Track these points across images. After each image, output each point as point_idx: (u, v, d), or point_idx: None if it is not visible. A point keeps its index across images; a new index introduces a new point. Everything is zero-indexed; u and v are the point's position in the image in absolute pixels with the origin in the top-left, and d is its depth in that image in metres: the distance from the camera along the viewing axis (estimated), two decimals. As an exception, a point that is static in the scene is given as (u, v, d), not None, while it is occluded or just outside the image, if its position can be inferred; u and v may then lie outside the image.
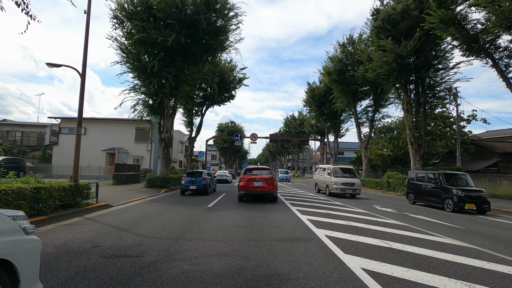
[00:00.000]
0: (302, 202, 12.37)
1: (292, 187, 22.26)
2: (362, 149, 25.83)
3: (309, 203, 11.92)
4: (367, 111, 27.58)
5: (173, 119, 19.04)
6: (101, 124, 28.67)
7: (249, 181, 11.72)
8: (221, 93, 26.82)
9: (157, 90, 18.10)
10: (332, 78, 26.48)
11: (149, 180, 17.27)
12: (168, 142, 18.74)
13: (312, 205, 11.43)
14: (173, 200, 12.48)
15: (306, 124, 47.99)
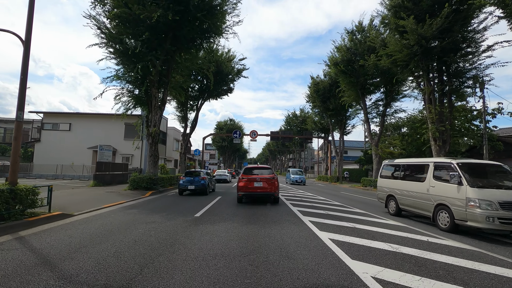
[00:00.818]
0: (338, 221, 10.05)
1: (313, 193, 19.65)
2: (372, 147, 23.55)
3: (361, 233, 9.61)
4: (377, 105, 25.30)
5: (162, 111, 16.75)
6: (88, 120, 26.37)
7: (249, 181, 10.83)
8: (218, 85, 24.52)
9: (143, 77, 15.83)
10: (339, 69, 24.19)
11: (132, 181, 14.98)
12: (156, 137, 16.45)
13: (327, 213, 9.13)
14: (155, 206, 10.19)
15: (309, 121, 45.75)
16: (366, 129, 24.68)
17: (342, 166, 32.61)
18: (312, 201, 12.63)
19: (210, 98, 26.43)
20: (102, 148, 18.16)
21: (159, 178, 16.56)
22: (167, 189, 16.95)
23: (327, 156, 39.85)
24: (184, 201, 11.67)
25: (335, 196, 15.73)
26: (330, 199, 13.79)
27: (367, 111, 24.87)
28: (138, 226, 6.54)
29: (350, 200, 14.10)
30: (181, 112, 25.53)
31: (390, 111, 24.25)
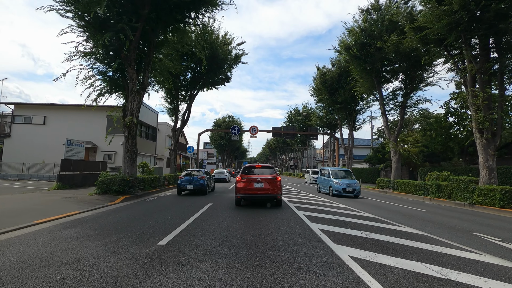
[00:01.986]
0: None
1: (327, 198, 15.62)
2: (390, 142, 20.44)
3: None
4: (395, 96, 22.15)
5: (141, 97, 13.60)
6: (65, 112, 23.20)
7: (249, 182, 9.66)
8: (213, 72, 21.39)
9: (116, 53, 12.70)
10: (352, 54, 21.04)
11: (101, 183, 11.84)
12: (134, 128, 13.33)
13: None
14: (111, 222, 7.05)
15: (313, 117, 42.61)
16: (383, 122, 21.54)
17: (351, 165, 29.49)
18: (334, 211, 9.50)
19: (204, 88, 23.28)
20: (71, 143, 15.01)
21: (137, 179, 13.42)
22: (148, 193, 13.82)
23: (333, 154, 36.69)
24: (159, 211, 8.54)
25: (358, 203, 12.62)
26: (357, 208, 10.66)
27: (384, 102, 21.71)
28: (38, 274, 3.42)
29: (386, 210, 10.97)
30: (171, 103, 22.38)
31: (410, 101, 21.08)
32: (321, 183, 17.56)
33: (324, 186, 16.79)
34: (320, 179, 17.90)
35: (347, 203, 12.08)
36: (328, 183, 16.15)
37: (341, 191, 14.78)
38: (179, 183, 14.11)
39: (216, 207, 9.86)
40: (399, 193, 17.91)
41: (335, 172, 16.54)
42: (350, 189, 14.80)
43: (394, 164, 20.04)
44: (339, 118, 31.06)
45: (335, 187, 15.05)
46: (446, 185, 13.93)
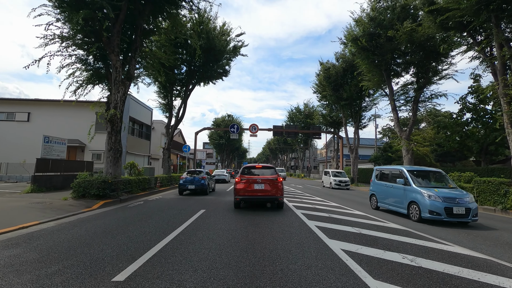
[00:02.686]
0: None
1: (338, 202, 14.85)
2: (402, 140, 18.84)
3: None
4: (406, 90, 20.55)
5: (126, 88, 12.00)
6: (51, 108, 21.60)
7: (248, 183, 9.15)
8: (210, 64, 19.81)
9: (96, 36, 11.11)
10: (360, 46, 19.42)
11: (77, 186, 10.25)
12: (117, 123, 11.74)
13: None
14: (73, 238, 5.46)
15: (316, 115, 41.06)
16: (394, 119, 19.94)
17: (357, 165, 27.92)
18: (353, 220, 7.90)
19: (201, 82, 21.70)
20: (49, 140, 13.42)
21: (122, 181, 11.82)
22: (134, 197, 12.22)
23: (337, 154, 35.10)
24: (139, 221, 6.94)
25: (374, 209, 11.03)
26: (377, 216, 9.07)
27: (394, 98, 20.10)
28: None
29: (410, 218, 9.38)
30: (165, 98, 20.79)
31: (423, 96, 19.45)
32: (384, 194, 10.07)
33: (395, 200, 9.38)
34: (382, 188, 10.27)
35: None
36: (405, 195, 8.77)
37: (442, 212, 7.59)
38: (180, 183, 14.39)
39: (209, 214, 8.26)
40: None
41: (419, 173, 9.21)
42: (460, 208, 7.59)
43: (406, 164, 18.43)
44: (343, 116, 29.48)
45: (430, 205, 7.76)
46: (471, 187, 12.33)
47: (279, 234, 5.88)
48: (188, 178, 14.37)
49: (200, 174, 14.72)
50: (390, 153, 28.12)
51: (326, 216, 8.23)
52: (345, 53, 27.07)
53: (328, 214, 8.71)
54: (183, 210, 9.12)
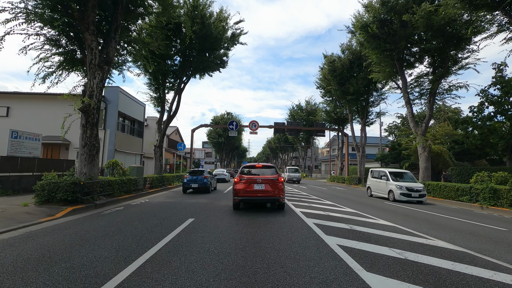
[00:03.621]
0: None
1: (354, 208, 12.43)
2: (417, 137, 17.06)
3: None
4: (420, 83, 18.76)
5: (104, 73, 10.22)
6: (33, 102, 19.81)
7: (248, 183, 8.62)
8: (205, 53, 18.04)
9: (65, 7, 9.35)
10: (370, 33, 17.65)
11: (41, 188, 8.48)
12: (93, 114, 9.99)
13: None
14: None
15: (318, 111, 39.38)
16: (408, 113, 18.17)
17: (364, 164, 26.15)
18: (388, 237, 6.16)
19: (196, 74, 19.93)
20: (17, 135, 11.66)
21: (98, 182, 10.04)
22: (115, 201, 10.46)
23: (342, 153, 33.35)
24: (105, 236, 5.18)
25: (398, 214, 9.27)
26: (408, 226, 7.32)
27: (407, 90, 18.31)
28: None
29: (447, 228, 7.64)
30: (157, 91, 19.01)
31: (439, 89, 17.66)
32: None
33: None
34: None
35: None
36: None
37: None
38: (184, 182, 15.06)
39: (197, 226, 6.50)
40: (433, 198, 14.56)
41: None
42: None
43: (423, 163, 16.67)
44: (349, 112, 27.70)
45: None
46: (508, 189, 10.57)
47: (291, 261, 4.12)
48: (191, 177, 15.03)
49: (203, 174, 15.39)
50: (403, 150, 26.35)
51: (347, 229, 6.48)
52: (352, 44, 25.36)
53: (349, 225, 6.96)
54: (166, 219, 7.35)
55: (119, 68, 13.37)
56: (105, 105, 19.40)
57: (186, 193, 14.92)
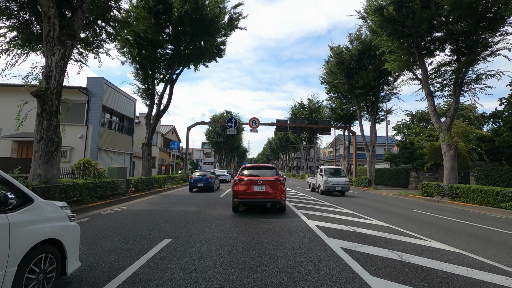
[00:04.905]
0: None
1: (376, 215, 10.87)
2: (441, 133, 14.93)
3: None
4: (441, 73, 16.65)
5: (66, 49, 8.12)
6: (10, 94, 17.72)
7: (248, 185, 8.34)
8: (199, 38, 15.96)
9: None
10: (386, 16, 15.55)
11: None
12: (51, 101, 7.89)
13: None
14: None
15: (322, 109, 37.30)
16: (429, 107, 16.04)
17: (374, 165, 24.04)
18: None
19: (190, 64, 17.89)
20: (-35, 129, 9.53)
21: (57, 187, 7.93)
22: (84, 209, 8.35)
23: (348, 152, 31.22)
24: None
25: (435, 226, 7.16)
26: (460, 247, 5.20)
27: (428, 81, 16.17)
28: None
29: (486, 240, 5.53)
30: (144, 82, 16.92)
31: (466, 78, 15.54)
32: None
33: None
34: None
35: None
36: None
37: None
38: (191, 182, 16.54)
39: (171, 255, 4.38)
40: (463, 204, 12.45)
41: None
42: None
43: (448, 162, 14.53)
44: (358, 108, 25.58)
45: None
46: None
47: None
48: (197, 177, 16.49)
49: (207, 174, 16.89)
50: (417, 149, 24.28)
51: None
52: (361, 33, 23.28)
53: (397, 253, 4.85)
54: (133, 239, 5.25)
55: (94, 50, 11.28)
56: (88, 98, 17.32)
57: (192, 191, 16.29)
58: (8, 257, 2.29)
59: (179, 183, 21.66)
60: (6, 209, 2.44)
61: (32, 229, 2.61)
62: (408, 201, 14.74)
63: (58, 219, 3.00)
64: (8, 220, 2.38)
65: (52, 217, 2.93)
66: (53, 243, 2.85)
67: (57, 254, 2.88)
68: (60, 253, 2.93)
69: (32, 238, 2.57)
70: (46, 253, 2.74)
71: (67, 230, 3.06)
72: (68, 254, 3.01)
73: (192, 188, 16.47)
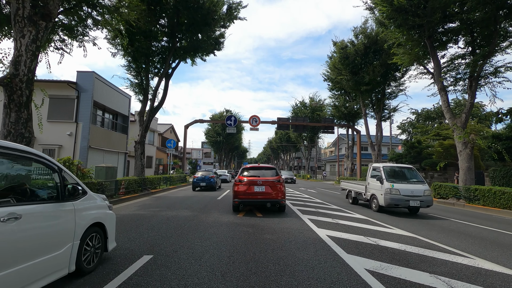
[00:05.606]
0: None
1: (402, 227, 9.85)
2: (457, 130, 13.85)
3: None
4: (454, 66, 15.58)
5: (38, 31, 7.04)
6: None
7: (248, 185, 8.53)
8: (196, 29, 14.89)
9: None
10: (395, 6, 14.47)
11: None
12: (21, 90, 6.83)
13: None
14: None
15: (324, 107, 36.25)
16: (442, 102, 14.97)
17: (380, 164, 22.92)
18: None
19: (187, 56, 16.82)
20: None
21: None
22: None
23: (352, 151, 30.16)
24: None
25: (462, 234, 6.10)
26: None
27: (441, 75, 15.09)
28: None
29: None
30: (137, 76, 15.86)
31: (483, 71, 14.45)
32: None
33: None
34: None
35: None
36: None
37: None
38: (194, 181, 17.35)
39: (147, 281, 3.32)
40: (484, 208, 11.39)
41: None
42: None
43: (465, 162, 13.45)
44: (363, 105, 24.50)
45: None
46: None
47: None
48: (200, 177, 17.31)
49: (210, 174, 17.76)
50: (424, 149, 23.22)
51: None
52: (367, 27, 22.21)
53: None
54: (103, 256, 4.18)
55: (79, 37, 10.23)
56: (77, 94, 16.27)
57: (195, 190, 17.00)
58: (74, 233, 3.18)
59: (175, 183, 20.62)
60: (73, 198, 3.28)
61: (87, 214, 3.48)
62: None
63: (102, 208, 3.86)
64: (74, 206, 3.25)
65: (98, 206, 3.79)
66: (99, 225, 3.70)
67: (102, 234, 3.74)
68: (103, 234, 3.80)
69: (87, 220, 3.44)
70: (95, 233, 3.59)
71: (107, 217, 3.92)
72: (109, 235, 3.90)
73: (195, 187, 17.30)
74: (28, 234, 2.57)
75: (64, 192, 3.15)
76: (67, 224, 3.08)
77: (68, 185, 3.21)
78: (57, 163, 3.28)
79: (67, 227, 3.09)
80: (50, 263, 2.79)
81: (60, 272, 2.96)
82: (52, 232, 2.89)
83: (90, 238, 3.47)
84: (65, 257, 3.01)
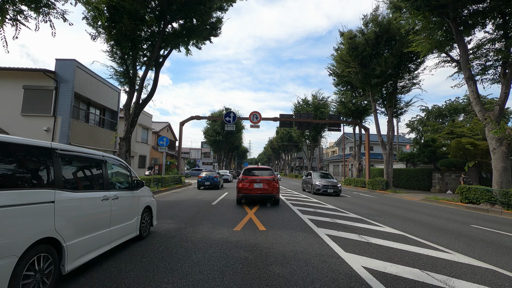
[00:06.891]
0: None
1: None
2: (490, 123, 11.94)
3: None
4: (484, 53, 13.70)
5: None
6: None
7: (249, 183, 10.44)
8: (190, 9, 13.03)
9: None
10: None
11: None
12: None
13: None
14: None
15: (327, 105, 34.44)
16: (470, 93, 13.09)
17: (391, 165, 21.10)
18: None
19: (180, 43, 14.95)
20: None
21: None
22: None
23: (360, 151, 28.29)
24: None
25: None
26: None
27: (468, 62, 13.22)
28: None
29: None
30: (122, 64, 13.98)
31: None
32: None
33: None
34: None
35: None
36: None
37: None
38: (199, 180, 18.80)
39: None
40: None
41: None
42: None
43: (499, 161, 11.56)
44: (373, 100, 22.60)
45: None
46: None
47: None
48: (204, 177, 18.70)
49: (213, 173, 19.13)
50: (439, 147, 21.33)
51: None
52: (378, 14, 20.35)
53: None
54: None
55: (42, 9, 8.38)
56: (56, 84, 14.44)
57: (200, 189, 18.29)
58: (138, 211, 5.08)
59: (168, 185, 18.74)
60: (136, 188, 5.17)
61: (144, 199, 5.40)
62: (447, 209, 11.80)
63: (149, 196, 5.80)
64: (138, 194, 5.16)
65: (148, 194, 5.74)
66: (148, 208, 5.58)
67: (149, 214, 5.66)
68: (150, 214, 5.71)
69: (144, 203, 5.37)
70: (146, 212, 5.50)
71: (152, 202, 5.84)
72: (154, 216, 5.84)
73: (200, 186, 18.53)
74: (121, 208, 4.46)
75: (133, 184, 5.10)
76: (135, 204, 5.01)
77: (134, 179, 5.18)
78: (129, 166, 5.26)
79: (135, 206, 5.01)
80: (129, 227, 4.70)
81: (133, 234, 4.86)
82: (130, 208, 4.81)
83: (144, 216, 5.36)
84: (135, 225, 4.93)
